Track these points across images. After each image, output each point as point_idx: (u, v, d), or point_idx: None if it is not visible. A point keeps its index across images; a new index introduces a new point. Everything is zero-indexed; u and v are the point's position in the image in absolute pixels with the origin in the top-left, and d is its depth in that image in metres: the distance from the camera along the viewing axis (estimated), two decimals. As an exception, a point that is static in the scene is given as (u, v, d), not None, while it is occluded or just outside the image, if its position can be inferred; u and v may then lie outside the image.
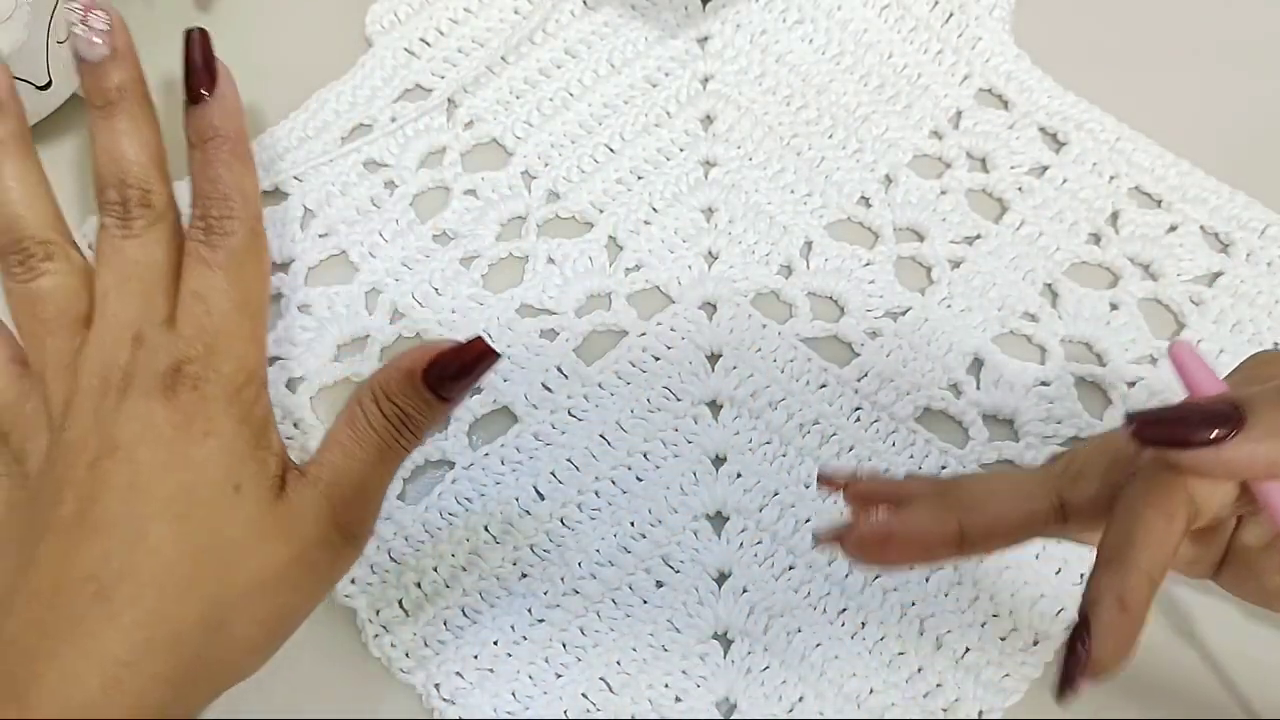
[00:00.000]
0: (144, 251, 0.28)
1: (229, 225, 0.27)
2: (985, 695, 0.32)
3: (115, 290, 0.27)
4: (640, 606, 0.33)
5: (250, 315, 0.28)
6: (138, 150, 0.28)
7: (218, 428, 0.26)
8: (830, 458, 0.35)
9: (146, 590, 0.24)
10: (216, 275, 0.27)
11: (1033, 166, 0.39)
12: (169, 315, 0.27)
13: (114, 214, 0.28)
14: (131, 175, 0.28)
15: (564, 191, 0.40)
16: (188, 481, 0.25)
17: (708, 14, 0.43)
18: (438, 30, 0.43)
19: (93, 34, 0.28)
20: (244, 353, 0.27)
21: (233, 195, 0.28)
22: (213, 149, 0.28)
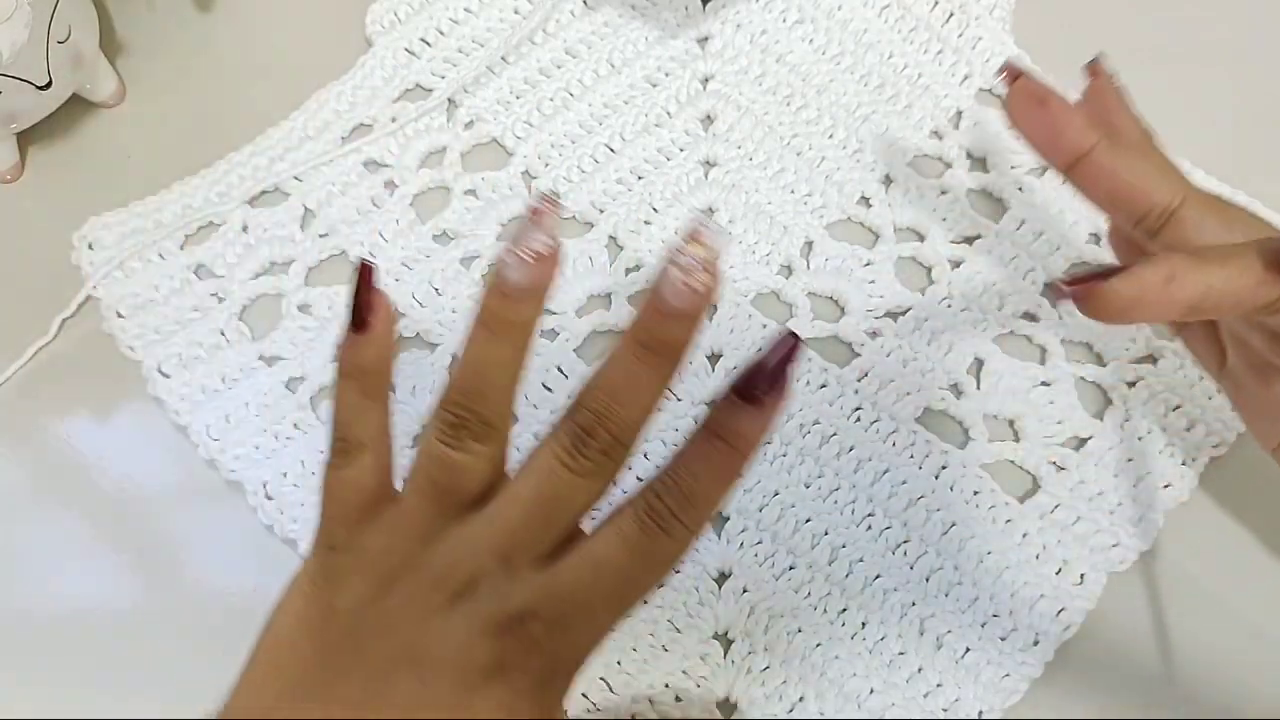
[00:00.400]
0: (575, 490, 0.25)
1: (675, 527, 0.24)
2: (985, 695, 0.32)
3: (524, 504, 0.25)
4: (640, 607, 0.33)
5: (619, 615, 0.25)
6: (637, 404, 0.25)
7: (518, 706, 0.24)
8: (830, 458, 0.35)
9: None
10: (626, 558, 0.24)
11: (1033, 166, 0.39)
12: (549, 556, 0.24)
13: (573, 438, 0.25)
14: (614, 418, 0.25)
15: (564, 191, 0.40)
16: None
17: (708, 14, 0.43)
18: (438, 30, 0.43)
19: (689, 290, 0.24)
20: (586, 645, 0.25)
21: (699, 502, 0.24)
22: (720, 452, 0.25)
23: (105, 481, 0.36)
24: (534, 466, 0.25)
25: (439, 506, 0.25)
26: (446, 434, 0.25)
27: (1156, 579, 0.33)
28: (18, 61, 0.37)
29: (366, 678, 0.24)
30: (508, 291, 0.26)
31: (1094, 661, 0.32)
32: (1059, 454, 0.35)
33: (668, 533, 0.24)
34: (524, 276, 0.25)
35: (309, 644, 0.25)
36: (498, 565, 0.24)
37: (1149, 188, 0.29)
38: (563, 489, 0.25)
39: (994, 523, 0.34)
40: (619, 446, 0.25)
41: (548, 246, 0.25)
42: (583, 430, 0.25)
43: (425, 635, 0.24)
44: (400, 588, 0.25)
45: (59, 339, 0.39)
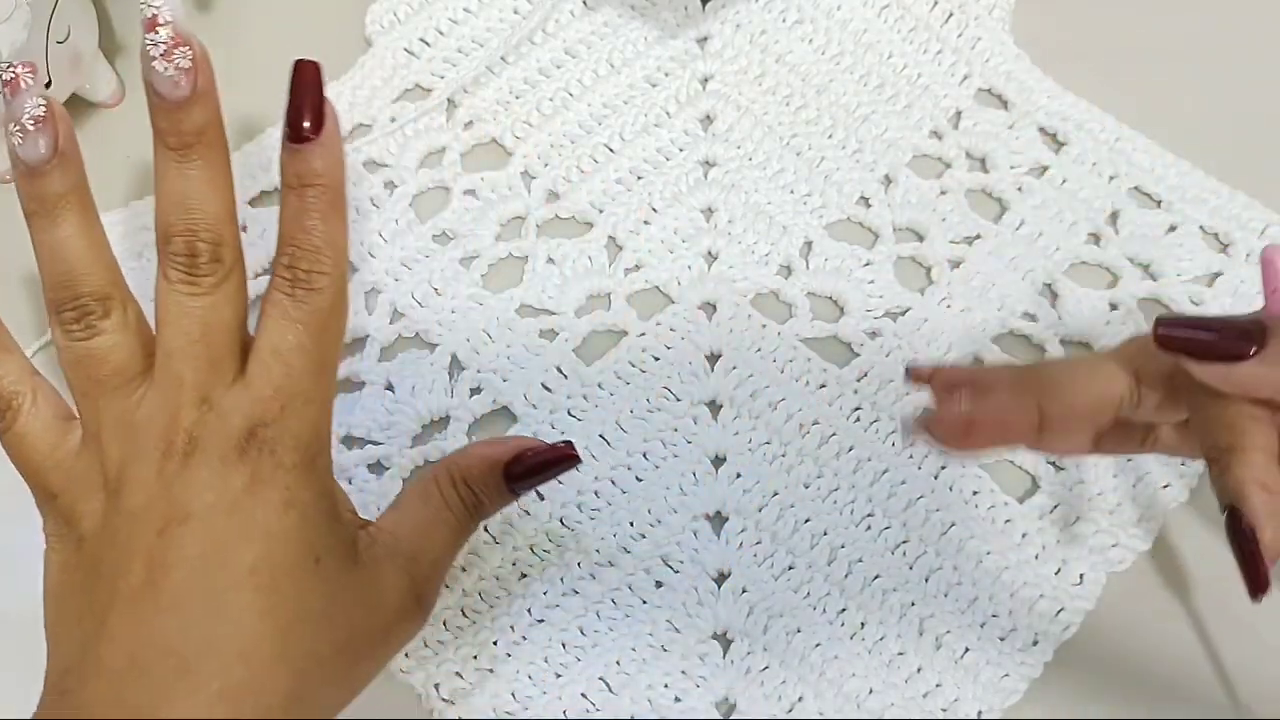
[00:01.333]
0: (212, 311, 0.26)
1: (318, 280, 0.25)
2: (985, 695, 0.32)
3: (180, 351, 0.25)
4: (640, 606, 0.33)
5: (327, 378, 0.26)
6: (211, 199, 0.26)
7: (296, 497, 0.25)
8: (830, 458, 0.35)
9: (232, 664, 0.23)
10: (299, 332, 0.25)
11: (1033, 166, 0.39)
12: (238, 373, 0.25)
13: (180, 267, 0.26)
14: (202, 227, 0.26)
15: (564, 191, 0.40)
16: (268, 552, 0.24)
17: (708, 14, 0.43)
18: (438, 30, 0.43)
19: (178, 72, 0.25)
20: (319, 417, 0.26)
21: (325, 249, 0.26)
22: (312, 196, 0.26)
23: (105, 481, 0.36)
24: (167, 314, 0.26)
25: (113, 398, 0.26)
26: (74, 330, 0.26)
27: (1156, 579, 0.33)
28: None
29: (145, 559, 0.24)
30: (33, 170, 0.26)
31: (1093, 661, 0.32)
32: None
33: (315, 288, 0.25)
34: (39, 148, 0.26)
35: (79, 576, 0.26)
36: (201, 410, 0.25)
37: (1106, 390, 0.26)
38: (203, 314, 0.25)
39: (993, 523, 0.34)
40: (221, 246, 0.26)
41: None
42: (183, 255, 0.25)
43: (178, 497, 0.24)
44: (129, 483, 0.25)
45: (59, 339, 0.39)
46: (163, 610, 0.24)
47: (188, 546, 0.24)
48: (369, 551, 0.27)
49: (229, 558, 0.24)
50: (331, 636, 0.25)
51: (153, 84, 0.25)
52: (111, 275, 0.27)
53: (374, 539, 0.27)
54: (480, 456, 0.28)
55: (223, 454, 0.24)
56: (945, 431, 0.26)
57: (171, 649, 0.23)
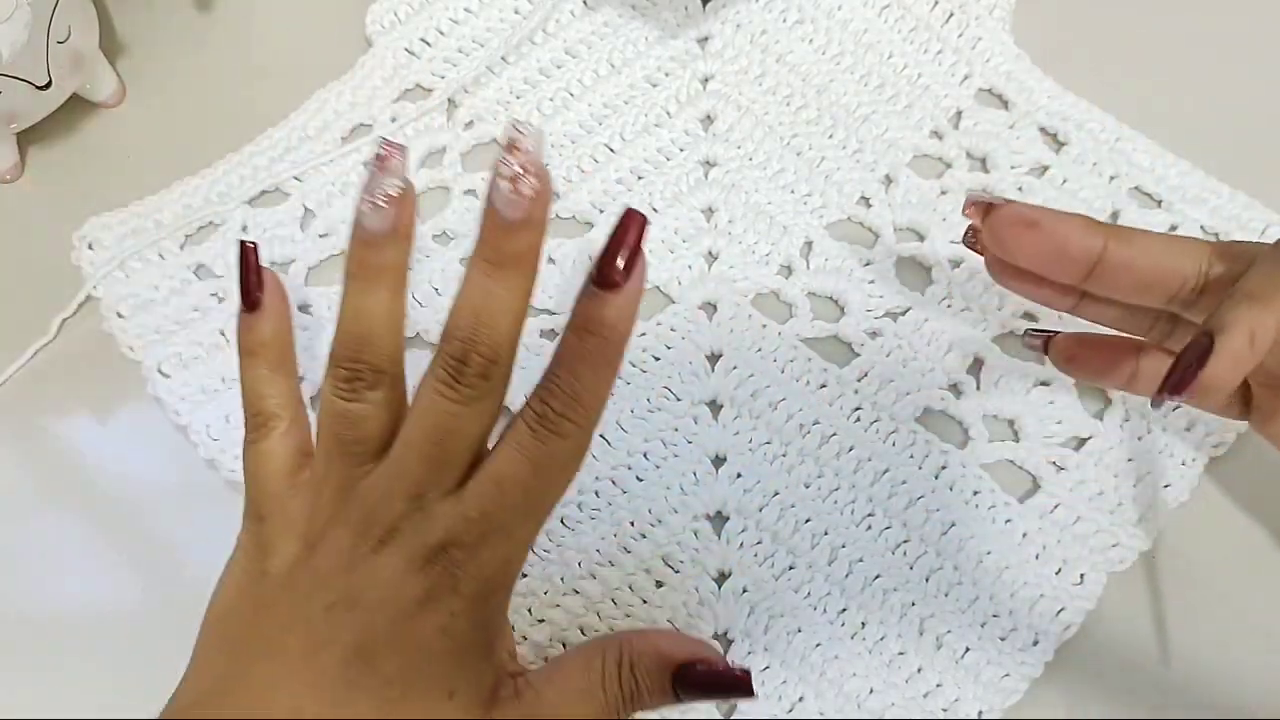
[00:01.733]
0: (463, 421, 0.25)
1: (566, 427, 0.25)
2: (985, 695, 0.32)
3: (418, 445, 0.25)
4: (641, 606, 0.33)
5: (535, 523, 0.26)
6: (503, 319, 0.25)
7: (456, 626, 0.25)
8: (830, 458, 0.35)
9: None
10: (528, 468, 0.25)
11: (1033, 166, 0.39)
12: (456, 487, 0.25)
13: (449, 369, 0.25)
14: (484, 341, 0.25)
15: (564, 191, 0.40)
16: (409, 668, 0.24)
17: (708, 14, 0.43)
18: (438, 30, 0.43)
19: (520, 198, 0.25)
20: (512, 556, 0.25)
21: (584, 399, 0.25)
22: (593, 345, 0.25)
23: (105, 481, 0.36)
24: (419, 407, 0.26)
25: (347, 460, 0.26)
26: (341, 389, 0.26)
27: (1156, 579, 0.33)
28: (17, 61, 0.37)
29: (307, 629, 0.24)
30: (369, 239, 0.27)
31: (1094, 661, 0.32)
32: (1059, 454, 0.35)
33: (559, 434, 0.25)
34: (383, 221, 0.26)
35: (249, 607, 0.26)
36: (411, 506, 0.25)
37: (1175, 264, 0.29)
38: (450, 420, 0.25)
39: (994, 523, 0.34)
40: (494, 365, 0.25)
41: (398, 189, 0.26)
42: (456, 359, 0.25)
43: (356, 581, 0.24)
44: (326, 544, 0.25)
45: (59, 339, 0.39)
46: (294, 683, 0.24)
47: (344, 633, 0.24)
48: (509, 702, 0.26)
49: (374, 660, 0.24)
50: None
51: (493, 200, 0.25)
52: (396, 355, 0.27)
53: (519, 692, 0.26)
54: (655, 647, 0.26)
55: (410, 556, 0.24)
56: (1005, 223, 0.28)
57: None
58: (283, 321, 0.29)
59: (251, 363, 0.29)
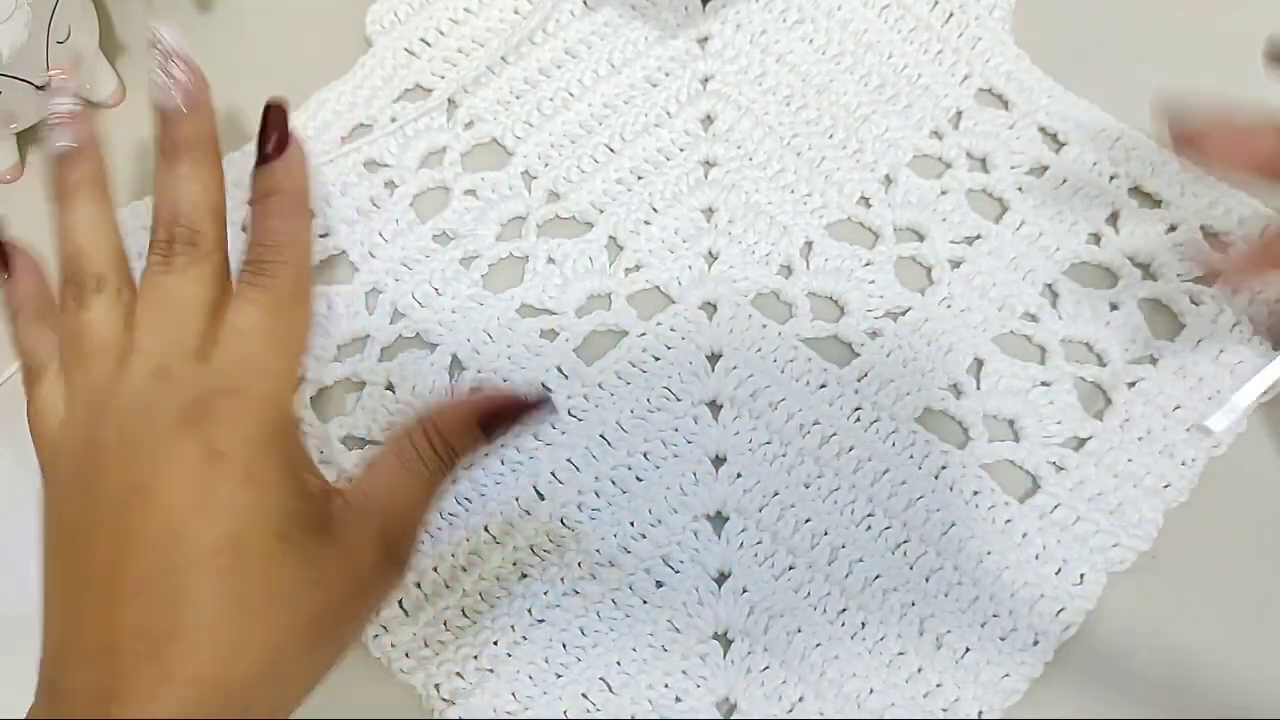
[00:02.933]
0: (180, 286, 0.27)
1: (277, 269, 0.28)
2: (985, 695, 0.32)
3: (147, 324, 0.27)
4: (640, 606, 0.33)
5: (289, 357, 0.28)
6: (193, 194, 0.28)
7: (257, 473, 0.25)
8: (830, 458, 0.35)
9: (199, 647, 0.23)
10: (258, 312, 0.27)
11: (1033, 166, 0.39)
12: (201, 349, 0.27)
13: (159, 251, 0.28)
14: (182, 215, 0.28)
15: (564, 191, 0.40)
16: (230, 531, 0.24)
17: (708, 14, 0.43)
18: (438, 30, 0.43)
19: (173, 84, 0.28)
20: (279, 392, 0.27)
21: (284, 242, 0.28)
22: (272, 202, 0.29)
23: (105, 481, 0.36)
24: (141, 293, 0.28)
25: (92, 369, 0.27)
26: (69, 302, 0.28)
27: (1156, 579, 0.33)
28: (17, 61, 0.37)
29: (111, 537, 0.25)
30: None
31: (1094, 661, 0.32)
32: (1059, 454, 0.35)
33: (275, 275, 0.27)
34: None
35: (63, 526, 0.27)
36: (156, 381, 0.26)
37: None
38: (172, 288, 0.27)
39: (994, 523, 0.34)
40: (198, 234, 0.28)
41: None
42: (163, 241, 0.28)
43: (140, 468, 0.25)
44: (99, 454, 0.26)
45: (59, 339, 0.39)
46: (129, 595, 0.24)
47: (147, 523, 0.24)
48: (340, 517, 0.26)
49: (188, 537, 0.24)
50: (306, 608, 0.25)
51: (151, 94, 0.29)
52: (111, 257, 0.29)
53: (346, 503, 0.27)
54: (457, 412, 0.28)
55: (171, 423, 0.25)
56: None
57: (140, 633, 0.23)
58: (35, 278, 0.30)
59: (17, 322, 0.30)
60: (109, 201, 0.29)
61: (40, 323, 0.30)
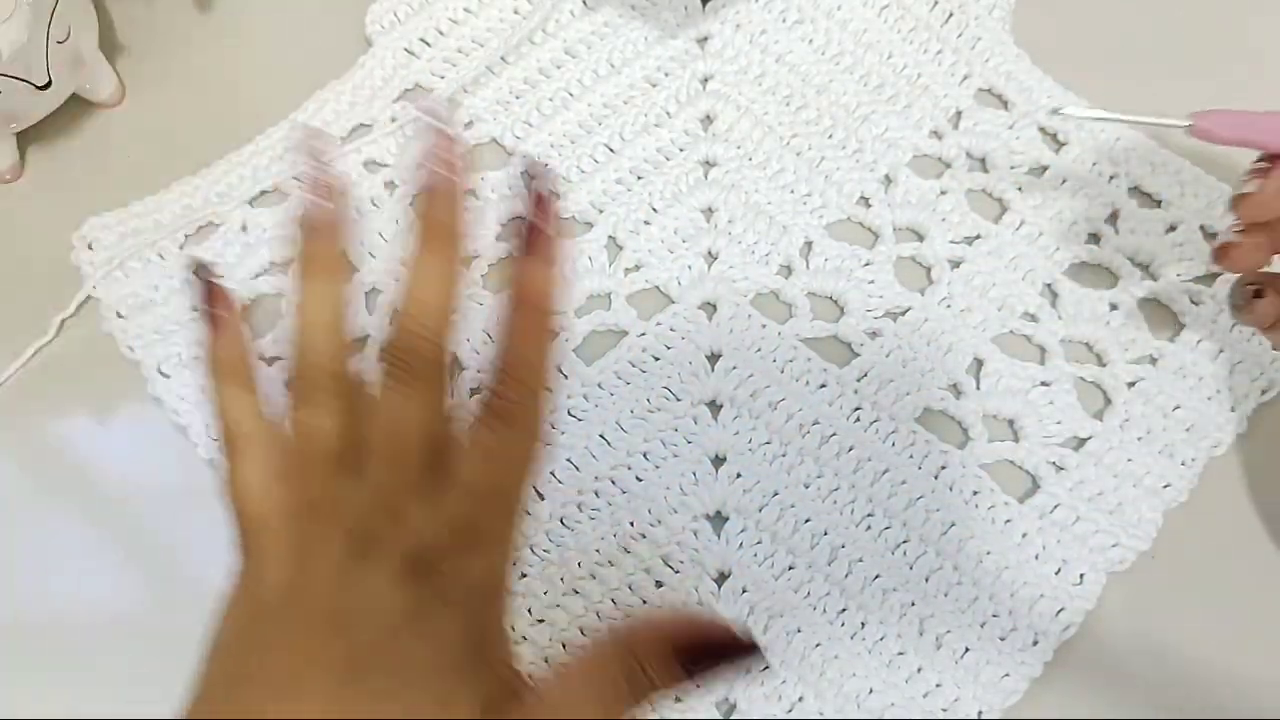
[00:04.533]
0: (409, 410, 0.26)
1: (519, 414, 0.25)
2: (985, 695, 0.32)
3: (377, 446, 0.25)
4: (640, 606, 0.33)
5: (514, 519, 0.26)
6: (439, 297, 0.26)
7: (444, 632, 0.24)
8: (830, 458, 0.35)
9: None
10: (489, 469, 0.25)
11: (1032, 166, 0.39)
12: (432, 491, 0.25)
13: (388, 363, 0.26)
14: (424, 323, 0.26)
15: (564, 191, 0.40)
16: (401, 682, 0.24)
17: (708, 14, 0.43)
18: (438, 30, 0.43)
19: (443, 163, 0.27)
20: (498, 563, 0.25)
21: (529, 379, 0.25)
22: (525, 318, 0.26)
23: (105, 481, 0.36)
24: (376, 408, 0.26)
25: (315, 474, 0.26)
26: (298, 397, 0.27)
27: (1156, 579, 0.33)
28: (17, 61, 0.37)
29: (296, 650, 0.24)
30: (314, 224, 0.28)
31: (1094, 661, 0.32)
32: (1059, 454, 0.35)
33: (512, 423, 0.25)
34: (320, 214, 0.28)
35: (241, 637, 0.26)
36: (388, 516, 0.25)
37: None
38: (399, 409, 0.25)
39: (993, 523, 0.34)
40: (430, 344, 0.26)
41: (323, 176, 0.28)
42: (400, 350, 0.26)
43: (344, 598, 0.24)
44: (311, 564, 0.25)
45: (59, 339, 0.39)
46: (283, 704, 0.23)
47: (333, 650, 0.24)
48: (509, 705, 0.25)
49: (364, 677, 0.24)
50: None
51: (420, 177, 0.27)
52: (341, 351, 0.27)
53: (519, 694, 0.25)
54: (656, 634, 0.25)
55: (394, 569, 0.24)
56: None
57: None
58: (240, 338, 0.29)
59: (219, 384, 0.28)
60: (347, 280, 0.28)
61: (241, 386, 0.28)
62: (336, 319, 0.27)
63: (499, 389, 0.25)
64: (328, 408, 0.26)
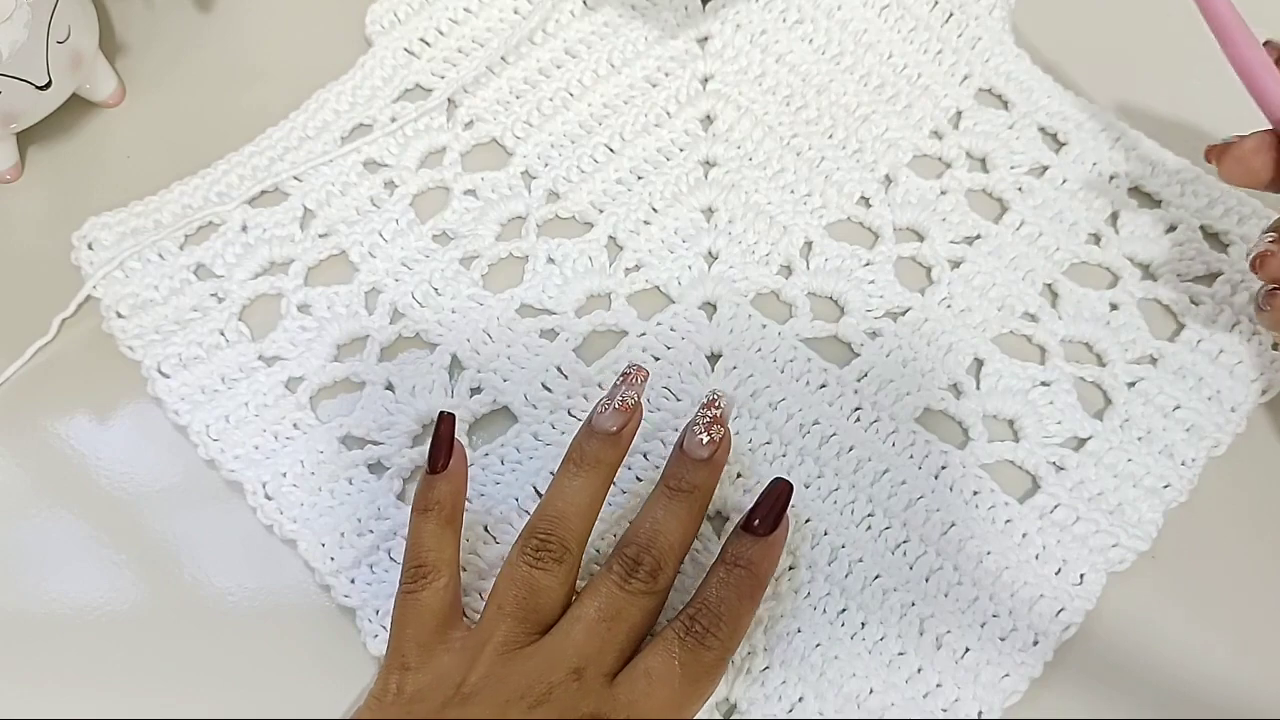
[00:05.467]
0: (627, 607, 0.30)
1: (710, 641, 0.29)
2: (985, 695, 0.32)
3: (588, 623, 0.29)
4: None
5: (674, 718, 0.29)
6: (674, 534, 0.30)
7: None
8: (830, 458, 0.35)
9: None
10: (674, 670, 0.29)
11: (1033, 166, 0.39)
12: (613, 673, 0.29)
13: (622, 568, 0.30)
14: (657, 547, 0.30)
15: (564, 191, 0.40)
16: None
17: (708, 14, 0.43)
18: (438, 30, 0.43)
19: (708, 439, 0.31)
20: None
21: (727, 619, 0.29)
22: (737, 576, 0.30)
23: (105, 481, 0.36)
24: (595, 590, 0.30)
25: (520, 624, 0.29)
26: (530, 556, 0.30)
27: (1156, 579, 0.33)
28: (17, 61, 0.37)
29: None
30: (597, 433, 0.31)
31: (1094, 661, 0.32)
32: (1059, 454, 0.35)
33: (706, 646, 0.29)
34: (613, 422, 0.31)
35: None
36: (570, 677, 0.28)
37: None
38: (620, 607, 0.29)
39: (993, 523, 0.34)
40: (662, 570, 0.30)
41: (633, 400, 0.31)
42: (632, 560, 0.30)
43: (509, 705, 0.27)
44: (481, 699, 0.28)
45: (59, 339, 0.39)
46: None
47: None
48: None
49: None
50: None
51: (685, 442, 0.31)
52: (583, 538, 0.31)
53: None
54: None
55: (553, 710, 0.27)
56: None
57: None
58: (459, 487, 0.32)
59: (424, 518, 0.31)
60: (606, 491, 0.32)
61: (447, 527, 0.31)
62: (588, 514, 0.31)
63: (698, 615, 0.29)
64: (555, 574, 0.30)
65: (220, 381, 0.37)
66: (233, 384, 0.37)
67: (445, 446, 0.32)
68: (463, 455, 0.33)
